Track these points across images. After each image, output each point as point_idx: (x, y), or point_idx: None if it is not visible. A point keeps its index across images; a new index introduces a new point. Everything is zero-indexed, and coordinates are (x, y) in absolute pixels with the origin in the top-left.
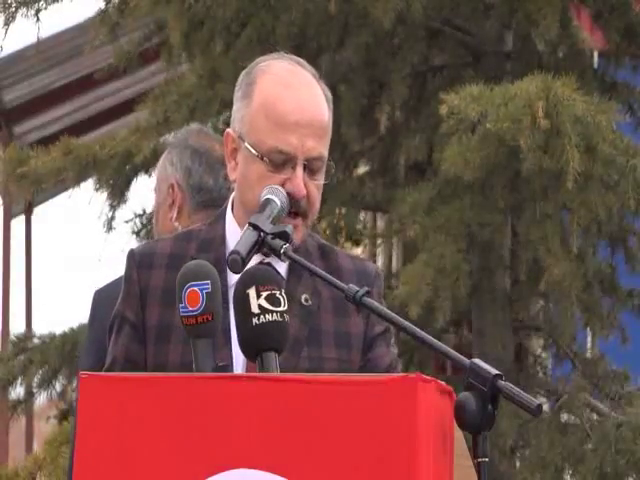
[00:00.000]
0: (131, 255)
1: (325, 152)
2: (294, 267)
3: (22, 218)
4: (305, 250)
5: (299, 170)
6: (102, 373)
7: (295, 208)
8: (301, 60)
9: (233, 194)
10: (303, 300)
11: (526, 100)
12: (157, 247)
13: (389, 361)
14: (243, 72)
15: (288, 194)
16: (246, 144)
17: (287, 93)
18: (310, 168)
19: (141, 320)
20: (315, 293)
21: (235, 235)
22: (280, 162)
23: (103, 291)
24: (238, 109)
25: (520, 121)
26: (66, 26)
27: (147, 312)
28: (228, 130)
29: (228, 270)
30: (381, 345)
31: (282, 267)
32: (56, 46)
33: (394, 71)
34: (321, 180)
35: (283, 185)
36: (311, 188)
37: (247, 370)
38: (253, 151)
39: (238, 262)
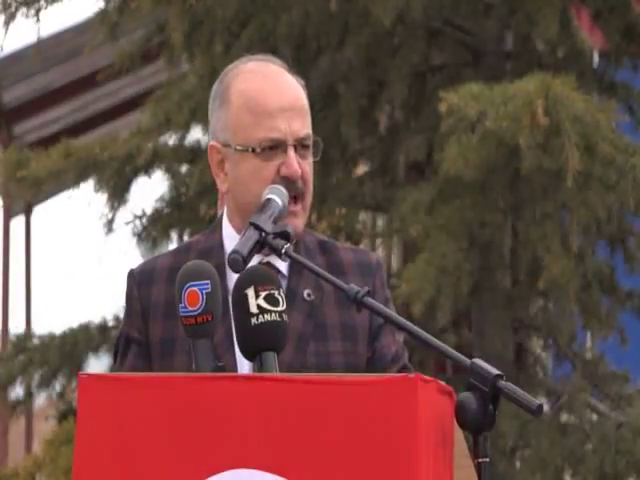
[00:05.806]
0: (131, 274)
1: (310, 131)
2: (295, 264)
3: (22, 218)
4: (306, 247)
5: (291, 152)
6: (102, 373)
7: (294, 191)
8: (267, 56)
9: (224, 207)
10: (305, 295)
11: (525, 99)
12: (156, 263)
13: (395, 350)
14: (214, 85)
15: (285, 178)
16: (235, 146)
17: (265, 84)
18: (301, 148)
19: (145, 337)
20: (317, 288)
21: (233, 241)
22: (272, 150)
23: None
24: (218, 119)
25: (519, 120)
26: (66, 26)
27: (151, 328)
28: (211, 143)
29: (228, 275)
30: (386, 334)
31: (283, 265)
32: (56, 46)
33: (394, 71)
34: (312, 159)
35: (278, 171)
36: (305, 168)
37: (252, 372)
38: (243, 148)
39: (239, 261)
